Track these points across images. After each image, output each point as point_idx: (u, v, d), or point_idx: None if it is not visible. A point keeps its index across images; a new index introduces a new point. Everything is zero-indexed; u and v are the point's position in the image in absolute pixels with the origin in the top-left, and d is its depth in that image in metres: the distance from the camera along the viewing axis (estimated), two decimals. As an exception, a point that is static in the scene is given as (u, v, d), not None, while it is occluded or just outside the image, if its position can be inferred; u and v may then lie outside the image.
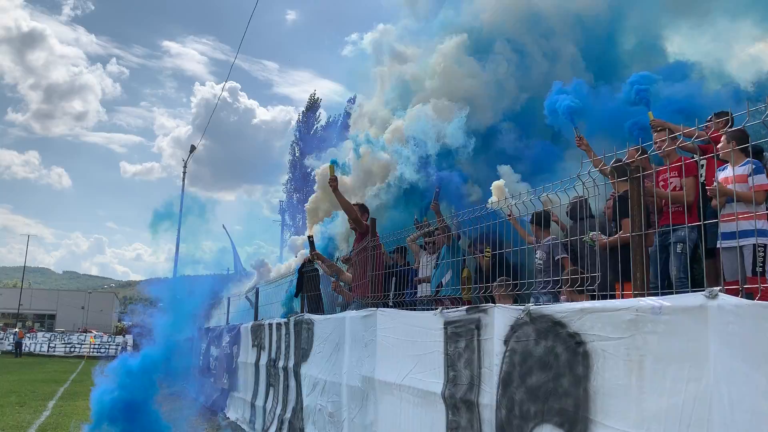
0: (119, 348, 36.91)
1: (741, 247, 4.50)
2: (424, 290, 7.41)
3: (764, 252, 4.44)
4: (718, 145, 4.89)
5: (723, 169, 4.95)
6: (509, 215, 4.71)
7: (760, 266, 4.42)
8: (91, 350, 37.87)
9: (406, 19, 13.59)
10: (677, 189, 5.37)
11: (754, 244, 4.42)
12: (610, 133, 8.21)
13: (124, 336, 40.58)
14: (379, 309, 5.68)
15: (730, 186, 4.67)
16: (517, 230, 5.61)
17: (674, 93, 8.50)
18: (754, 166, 4.61)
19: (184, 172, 28.54)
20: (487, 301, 4.44)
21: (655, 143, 5.29)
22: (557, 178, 4.20)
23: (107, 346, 38.25)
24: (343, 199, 7.80)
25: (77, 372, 24.77)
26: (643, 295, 3.19)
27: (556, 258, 5.74)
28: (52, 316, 64.65)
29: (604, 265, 4.18)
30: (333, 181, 7.57)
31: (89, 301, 67.78)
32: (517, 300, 4.81)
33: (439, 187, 8.94)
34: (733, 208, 4.57)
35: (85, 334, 41.09)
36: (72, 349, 38.04)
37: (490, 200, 7.85)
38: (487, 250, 5.90)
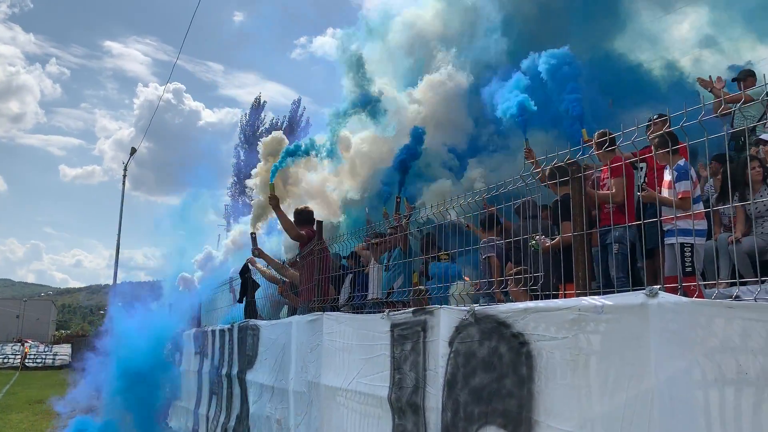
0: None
1: (673, 245, 4.63)
2: (374, 293, 7.32)
3: (691, 251, 4.56)
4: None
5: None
6: (468, 226, 4.76)
7: (689, 266, 4.54)
8: (27, 361, 36.29)
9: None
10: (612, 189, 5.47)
11: (681, 244, 4.55)
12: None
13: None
14: (326, 313, 5.59)
15: (665, 192, 4.83)
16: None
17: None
18: (676, 174, 4.74)
19: (125, 175, 27.75)
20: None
21: (594, 144, 5.37)
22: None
23: (44, 357, 36.73)
24: (284, 217, 7.71)
25: (11, 384, 23.71)
26: (585, 295, 3.21)
27: (483, 257, 5.77)
28: (-16, 327, 61.57)
29: (547, 265, 4.19)
30: (273, 199, 7.63)
31: (25, 310, 64.82)
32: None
33: (400, 196, 8.87)
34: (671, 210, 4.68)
35: (19, 344, 39.30)
36: (5, 360, 36.35)
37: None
38: (443, 254, 5.89)
